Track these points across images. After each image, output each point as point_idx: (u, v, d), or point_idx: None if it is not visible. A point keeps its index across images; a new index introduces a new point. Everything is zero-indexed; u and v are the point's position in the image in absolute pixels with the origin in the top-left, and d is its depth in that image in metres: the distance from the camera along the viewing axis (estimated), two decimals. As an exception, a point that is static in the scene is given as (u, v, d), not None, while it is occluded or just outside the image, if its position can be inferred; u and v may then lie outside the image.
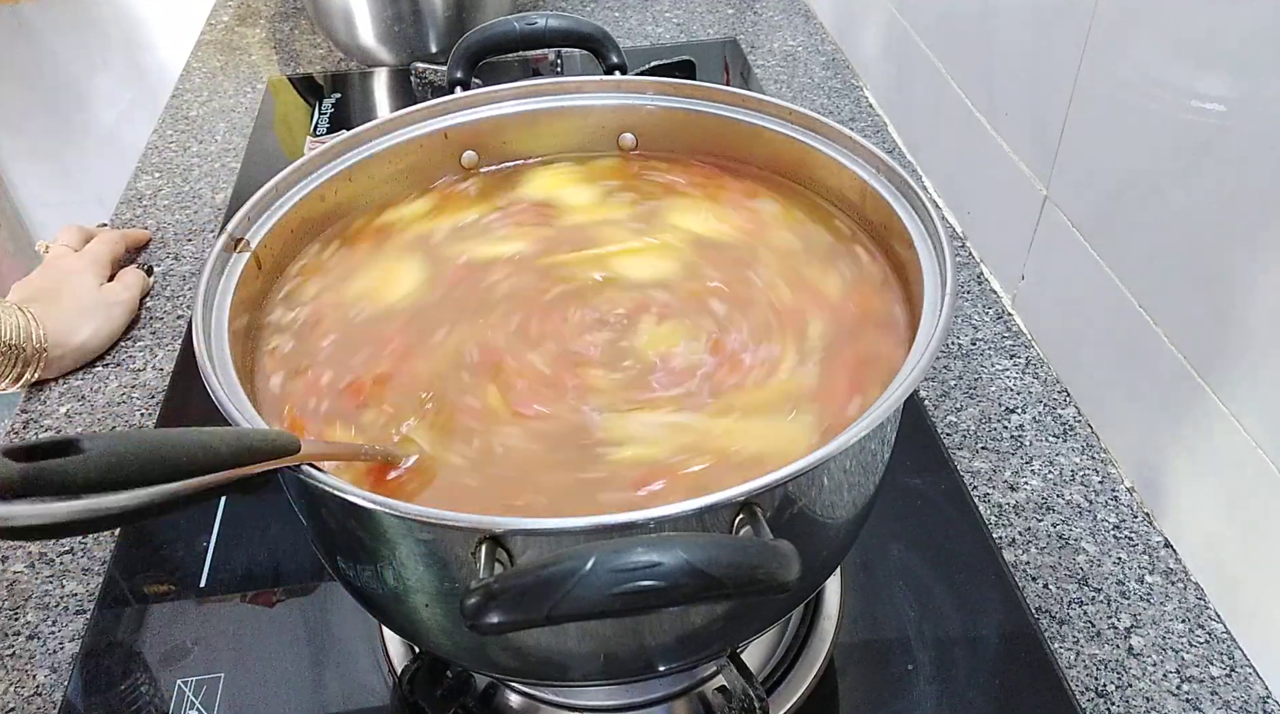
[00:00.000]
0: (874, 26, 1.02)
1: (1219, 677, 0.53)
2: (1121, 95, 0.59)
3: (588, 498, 0.40)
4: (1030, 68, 0.70)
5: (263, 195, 0.49)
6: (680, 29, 1.21)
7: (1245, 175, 0.50)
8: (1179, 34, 0.53)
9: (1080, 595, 0.57)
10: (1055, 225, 0.68)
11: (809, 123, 0.53)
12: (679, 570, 0.28)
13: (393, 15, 1.09)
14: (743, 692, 0.46)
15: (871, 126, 1.00)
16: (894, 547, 0.60)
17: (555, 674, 0.41)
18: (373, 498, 0.34)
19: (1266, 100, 0.48)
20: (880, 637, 0.55)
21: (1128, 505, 0.62)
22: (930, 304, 0.42)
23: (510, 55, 1.09)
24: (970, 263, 0.82)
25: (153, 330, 0.79)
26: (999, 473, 0.64)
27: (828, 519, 0.40)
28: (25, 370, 0.71)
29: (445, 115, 0.57)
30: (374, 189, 0.55)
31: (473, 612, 0.29)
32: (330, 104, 1.08)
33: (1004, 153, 0.74)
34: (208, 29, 1.27)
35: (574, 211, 0.56)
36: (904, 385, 0.37)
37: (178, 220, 0.91)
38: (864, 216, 0.52)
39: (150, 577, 0.60)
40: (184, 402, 0.72)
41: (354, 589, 0.42)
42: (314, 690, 0.54)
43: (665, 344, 0.47)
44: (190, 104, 1.10)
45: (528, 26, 0.59)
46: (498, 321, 0.48)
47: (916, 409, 0.69)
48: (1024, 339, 0.74)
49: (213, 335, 0.42)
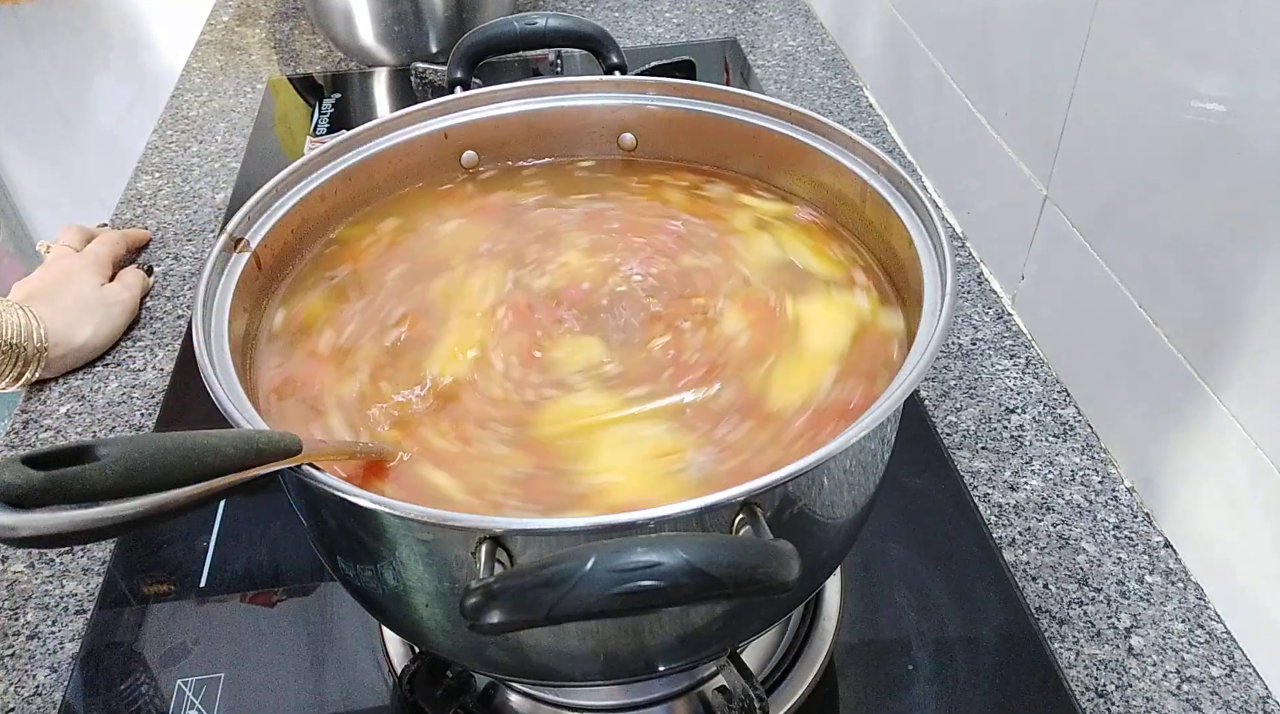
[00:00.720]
0: (874, 26, 1.02)
1: (1219, 677, 0.53)
2: (1121, 95, 0.59)
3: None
4: (1030, 68, 0.70)
5: (263, 195, 0.49)
6: (680, 29, 1.21)
7: (1245, 175, 0.50)
8: (1179, 34, 0.53)
9: (1080, 595, 0.57)
10: (1055, 225, 0.68)
11: (809, 123, 0.53)
12: (679, 570, 0.28)
13: (393, 15, 1.09)
14: (743, 692, 0.46)
15: (871, 126, 1.00)
16: (894, 547, 0.60)
17: (555, 674, 0.41)
18: (373, 498, 0.34)
19: (1266, 100, 0.48)
20: (880, 637, 0.55)
21: (1128, 505, 0.62)
22: (930, 304, 0.42)
23: (510, 55, 1.09)
24: (970, 263, 0.82)
25: (153, 330, 0.79)
26: (999, 473, 0.64)
27: (828, 519, 0.40)
28: (26, 369, 0.71)
29: (445, 115, 0.57)
30: (374, 189, 0.55)
31: (473, 612, 0.29)
32: (330, 104, 1.08)
33: (1004, 153, 0.74)
34: (208, 29, 1.27)
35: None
36: (904, 385, 0.37)
37: (178, 220, 0.91)
38: (864, 217, 0.51)
39: (150, 577, 0.60)
40: (184, 402, 0.72)
41: (354, 589, 0.42)
42: (314, 690, 0.54)
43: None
44: (190, 104, 1.10)
45: (528, 26, 0.59)
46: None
47: (916, 409, 0.69)
48: (1024, 339, 0.74)
49: (212, 335, 0.42)
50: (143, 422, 0.71)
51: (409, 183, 0.57)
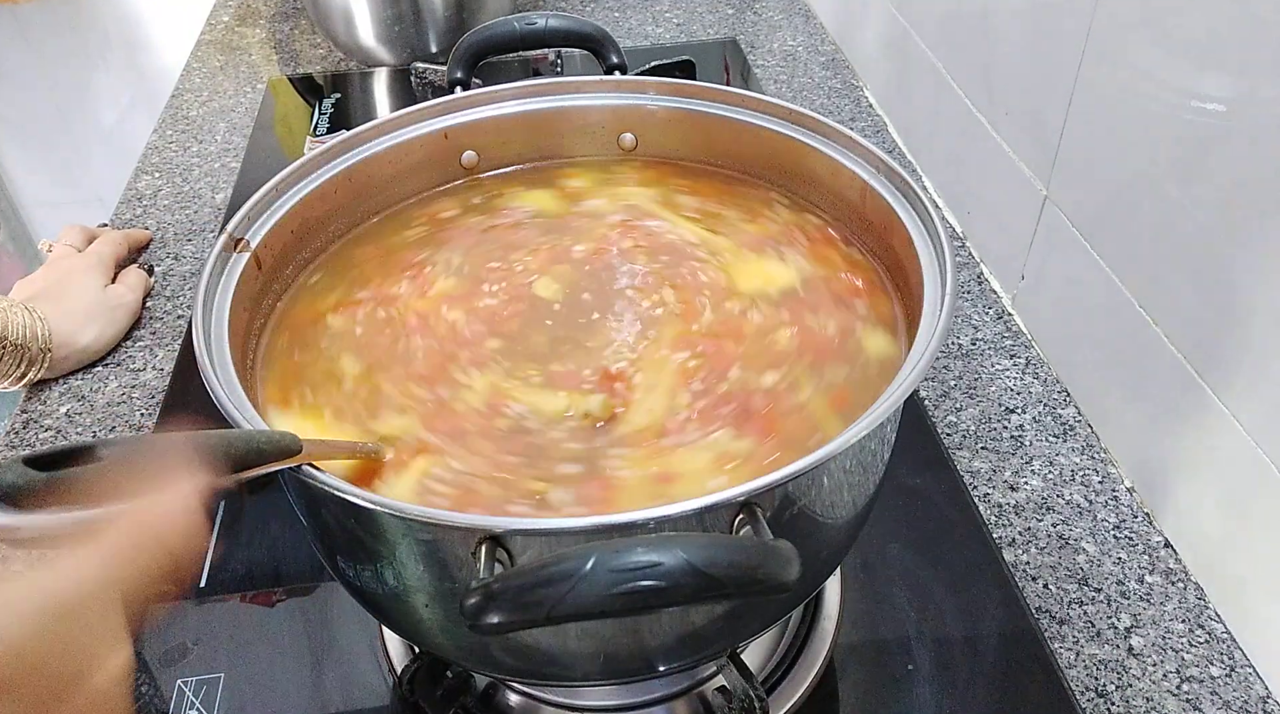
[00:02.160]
0: (874, 26, 1.02)
1: (1219, 677, 0.53)
2: (1121, 95, 0.59)
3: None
4: (1030, 68, 0.70)
5: (263, 195, 0.49)
6: (680, 29, 1.21)
7: (1245, 175, 0.50)
8: (1179, 34, 0.53)
9: (1080, 595, 0.57)
10: (1055, 225, 0.68)
11: (809, 123, 0.53)
12: (679, 570, 0.28)
13: (393, 15, 1.09)
14: (743, 692, 0.46)
15: (871, 126, 1.00)
16: (894, 547, 0.60)
17: (555, 674, 0.41)
18: (373, 498, 0.34)
19: (1266, 100, 0.48)
20: (880, 637, 0.55)
21: (1128, 505, 0.62)
22: (930, 304, 0.42)
23: (510, 55, 1.09)
24: (970, 263, 0.82)
25: (153, 330, 0.79)
26: (999, 473, 0.64)
27: (828, 519, 0.40)
28: (29, 370, 0.71)
29: (445, 115, 0.57)
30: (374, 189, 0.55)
31: (473, 612, 0.29)
32: (330, 104, 1.08)
33: (1004, 153, 0.74)
34: (208, 29, 1.27)
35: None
36: (904, 385, 0.37)
37: (178, 220, 0.91)
38: (864, 217, 0.51)
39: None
40: (184, 402, 0.72)
41: (354, 589, 0.42)
42: (314, 690, 0.54)
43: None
44: (190, 104, 1.10)
45: (528, 26, 0.59)
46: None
47: (916, 409, 0.69)
48: (1024, 339, 0.74)
49: (213, 335, 0.42)
50: (143, 422, 0.71)
51: (409, 183, 0.57)
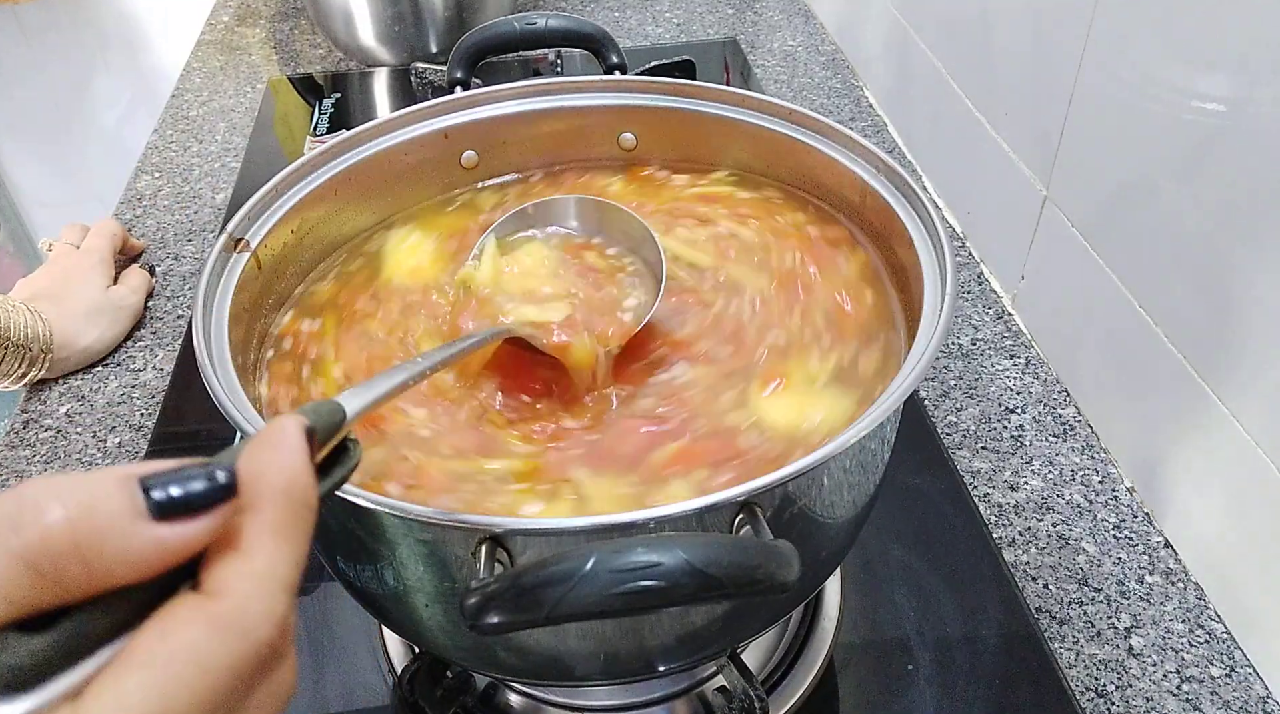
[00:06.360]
0: (874, 27, 1.02)
1: (1219, 677, 0.53)
2: (1121, 96, 0.59)
3: None
4: (1030, 68, 0.70)
5: (263, 195, 0.49)
6: (680, 29, 1.21)
7: (1245, 175, 0.50)
8: (1179, 34, 0.53)
9: (1080, 595, 0.57)
10: (1055, 225, 0.68)
11: (809, 123, 0.53)
12: (679, 570, 0.28)
13: (393, 15, 1.09)
14: (743, 692, 0.46)
15: (871, 126, 1.00)
16: (894, 547, 0.60)
17: (555, 674, 0.41)
18: (373, 498, 0.34)
19: (1266, 100, 0.48)
20: (880, 637, 0.55)
21: (1128, 505, 0.62)
22: (930, 304, 0.42)
23: (510, 55, 1.09)
24: (970, 263, 0.82)
25: (153, 330, 0.79)
26: (999, 473, 0.64)
27: (828, 519, 0.40)
28: (30, 369, 0.71)
29: (445, 115, 0.57)
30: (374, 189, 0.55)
31: (473, 612, 0.29)
32: (330, 104, 1.08)
33: (1004, 153, 0.74)
34: (208, 29, 1.27)
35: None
36: (904, 385, 0.37)
37: (178, 220, 0.91)
38: (864, 217, 0.51)
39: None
40: (184, 402, 0.72)
41: (354, 589, 0.42)
42: (314, 690, 0.54)
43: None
44: (190, 104, 1.10)
45: (528, 26, 0.59)
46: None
47: (916, 409, 0.69)
48: (1024, 339, 0.74)
49: (213, 335, 0.42)
50: (143, 422, 0.71)
51: (409, 183, 0.57)
